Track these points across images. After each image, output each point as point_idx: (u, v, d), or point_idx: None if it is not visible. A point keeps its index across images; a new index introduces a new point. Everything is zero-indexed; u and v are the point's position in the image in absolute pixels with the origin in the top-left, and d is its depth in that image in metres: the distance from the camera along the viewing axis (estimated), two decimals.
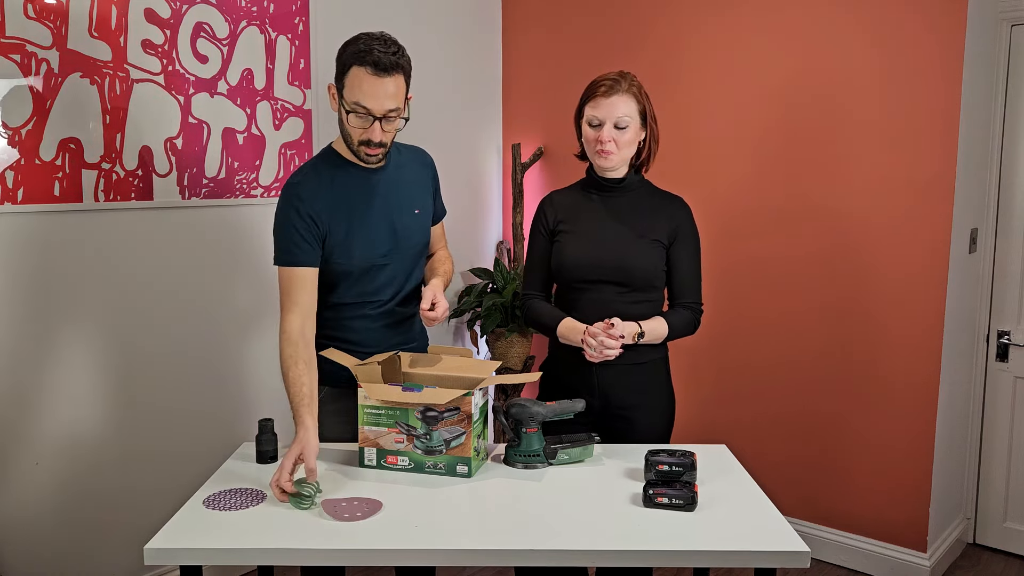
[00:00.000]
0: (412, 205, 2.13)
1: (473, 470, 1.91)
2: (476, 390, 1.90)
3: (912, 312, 2.89)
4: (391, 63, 1.88)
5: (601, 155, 2.15)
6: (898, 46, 2.85)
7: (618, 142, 2.13)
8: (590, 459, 2.03)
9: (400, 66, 1.90)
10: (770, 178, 3.16)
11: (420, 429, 1.90)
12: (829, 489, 3.14)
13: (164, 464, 2.79)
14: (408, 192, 2.13)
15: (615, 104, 2.11)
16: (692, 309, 2.23)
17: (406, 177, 2.13)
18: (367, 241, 2.04)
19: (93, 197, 2.55)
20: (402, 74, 1.92)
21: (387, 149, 2.00)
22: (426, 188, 2.19)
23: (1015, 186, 3.13)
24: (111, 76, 2.56)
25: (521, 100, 3.87)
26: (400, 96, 1.93)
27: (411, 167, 2.16)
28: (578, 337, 2.12)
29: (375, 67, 1.87)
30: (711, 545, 1.62)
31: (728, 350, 3.30)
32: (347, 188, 2.03)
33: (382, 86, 1.88)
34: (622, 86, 2.12)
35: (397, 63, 1.89)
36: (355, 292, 2.08)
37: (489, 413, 3.03)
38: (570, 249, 2.20)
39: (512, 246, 3.89)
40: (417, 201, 2.15)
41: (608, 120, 2.11)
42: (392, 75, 1.89)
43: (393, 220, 2.08)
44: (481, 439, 1.97)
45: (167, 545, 1.61)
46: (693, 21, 3.30)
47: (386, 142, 1.97)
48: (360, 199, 2.04)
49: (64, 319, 2.53)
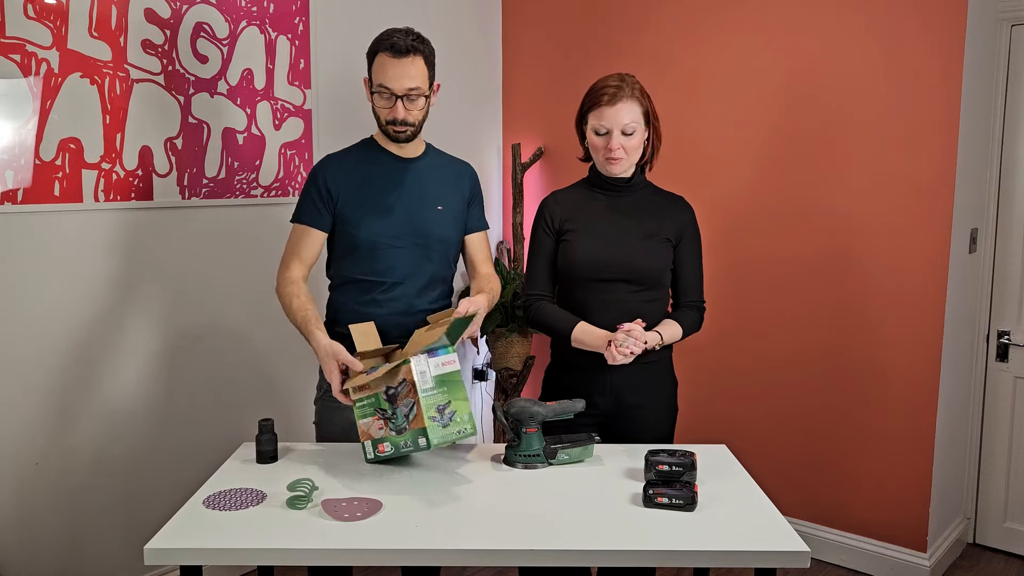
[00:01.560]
0: (436, 201, 2.23)
1: (435, 440, 1.81)
2: (418, 354, 1.88)
3: (912, 312, 2.90)
4: (408, 46, 2.06)
5: (611, 162, 2.16)
6: (898, 46, 2.85)
7: (626, 148, 2.14)
8: (590, 459, 2.03)
9: (418, 49, 2.08)
10: (770, 178, 3.16)
11: (388, 410, 1.90)
12: (829, 489, 3.14)
13: (164, 464, 2.79)
14: (434, 188, 2.24)
15: (620, 112, 2.11)
16: (697, 308, 2.26)
17: (437, 176, 2.26)
18: (377, 219, 2.16)
19: (93, 197, 2.55)
20: (420, 56, 2.09)
21: (415, 128, 2.16)
22: (458, 192, 2.29)
23: (1015, 186, 3.13)
24: (111, 76, 2.56)
25: (521, 100, 3.87)
26: (419, 77, 2.09)
27: (447, 169, 2.30)
28: (596, 340, 2.12)
29: (393, 50, 2.06)
30: (711, 545, 1.62)
31: (728, 349, 3.30)
32: (371, 169, 2.20)
33: (401, 66, 2.06)
34: (624, 92, 2.12)
35: (414, 46, 2.07)
36: (363, 268, 2.18)
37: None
38: (580, 248, 2.20)
39: (512, 246, 3.89)
40: (443, 199, 2.24)
41: (615, 128, 2.12)
42: (409, 56, 2.07)
43: (412, 208, 2.19)
44: (453, 406, 1.87)
45: (167, 545, 1.61)
46: (693, 22, 3.30)
47: (410, 120, 2.13)
48: (381, 181, 2.19)
49: (64, 319, 2.53)
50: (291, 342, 3.08)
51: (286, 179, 3.04)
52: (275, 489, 1.84)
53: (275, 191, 3.01)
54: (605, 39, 3.54)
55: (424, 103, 2.13)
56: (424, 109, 2.14)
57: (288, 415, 3.03)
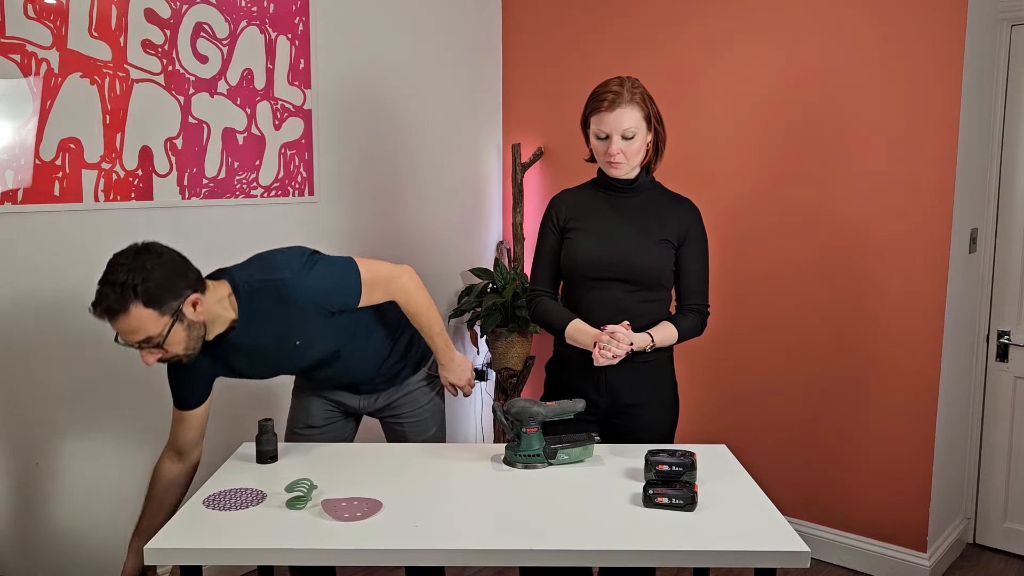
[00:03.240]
0: None
1: None
2: None
3: (912, 312, 2.89)
4: None
5: (612, 166, 2.17)
6: (898, 46, 2.85)
7: (626, 152, 2.14)
8: (590, 459, 2.04)
9: None
10: (770, 180, 3.16)
11: None
12: (829, 489, 3.13)
13: None
14: None
15: (619, 117, 2.11)
16: (699, 311, 2.25)
17: None
18: None
19: (93, 197, 2.55)
20: None
21: None
22: None
23: (1015, 186, 3.13)
24: (111, 76, 2.56)
25: (521, 100, 3.87)
26: None
27: None
28: (587, 339, 2.13)
29: None
30: (711, 545, 1.62)
31: (729, 349, 3.30)
32: None
33: None
34: (624, 97, 2.12)
35: None
36: None
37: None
38: (581, 246, 2.21)
39: (512, 246, 3.89)
40: None
41: (615, 133, 2.12)
42: None
43: None
44: None
45: (167, 545, 1.61)
46: (692, 22, 3.30)
47: None
48: None
49: (63, 319, 2.53)
50: None
51: (286, 179, 3.04)
52: (275, 489, 1.84)
53: (275, 191, 3.01)
54: (605, 39, 3.54)
55: None
56: None
57: (286, 416, 3.02)
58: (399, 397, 2.28)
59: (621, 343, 2.06)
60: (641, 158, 2.19)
